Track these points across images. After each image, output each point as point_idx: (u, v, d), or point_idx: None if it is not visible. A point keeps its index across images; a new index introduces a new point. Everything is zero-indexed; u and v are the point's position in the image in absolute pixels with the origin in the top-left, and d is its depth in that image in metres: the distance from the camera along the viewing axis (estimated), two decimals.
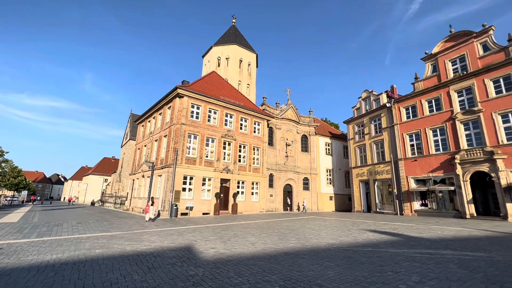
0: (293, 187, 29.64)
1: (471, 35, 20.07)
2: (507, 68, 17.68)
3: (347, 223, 15.08)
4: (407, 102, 23.93)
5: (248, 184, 24.89)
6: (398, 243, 8.59)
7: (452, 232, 11.07)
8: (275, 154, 29.10)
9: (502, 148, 17.21)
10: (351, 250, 7.42)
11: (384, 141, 25.56)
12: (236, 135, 24.84)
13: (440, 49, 22.02)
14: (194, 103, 22.37)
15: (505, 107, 17.48)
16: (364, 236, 10.04)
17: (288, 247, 7.94)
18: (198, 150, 21.82)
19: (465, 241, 8.89)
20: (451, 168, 19.60)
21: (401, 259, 6.38)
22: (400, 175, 23.30)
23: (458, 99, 20.29)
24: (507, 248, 7.60)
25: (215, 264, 5.83)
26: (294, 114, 31.84)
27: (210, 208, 21.46)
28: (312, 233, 10.90)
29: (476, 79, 19.21)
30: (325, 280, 4.72)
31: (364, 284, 4.52)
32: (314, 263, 6.00)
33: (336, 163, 33.90)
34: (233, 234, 10.45)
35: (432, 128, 21.60)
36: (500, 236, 10.07)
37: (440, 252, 7.11)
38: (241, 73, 40.87)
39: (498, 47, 18.56)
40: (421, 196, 22.01)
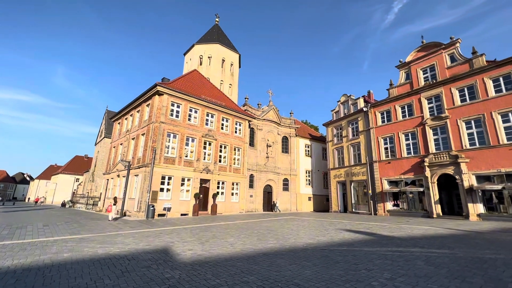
0: (273, 188, 29.90)
1: (440, 46, 21.49)
2: (471, 78, 19.14)
3: (324, 223, 15.48)
4: (382, 107, 25.08)
5: (228, 184, 24.74)
6: (372, 242, 8.95)
7: (420, 231, 11.74)
8: (256, 155, 29.19)
9: (466, 152, 18.58)
10: (327, 250, 7.62)
11: (361, 143, 26.59)
12: (217, 135, 24.61)
13: (413, 58, 23.35)
14: (174, 101, 21.84)
15: (468, 114, 18.91)
16: (340, 236, 10.36)
17: (267, 247, 7.99)
18: (178, 149, 21.33)
19: (431, 239, 9.47)
20: (421, 171, 20.82)
21: (374, 257, 6.66)
22: (374, 176, 24.34)
23: (428, 105, 21.62)
24: (468, 245, 8.20)
25: (193, 266, 5.72)
26: (276, 115, 32.17)
27: (188, 209, 21.04)
28: (290, 233, 11.06)
29: (444, 88, 20.59)
30: (302, 280, 4.80)
31: (339, 282, 4.66)
32: (292, 262, 6.08)
33: (315, 165, 34.70)
34: (212, 235, 10.32)
35: (404, 133, 22.82)
36: (462, 234, 10.85)
37: (409, 250, 7.51)
38: (223, 72, 40.60)
39: (463, 59, 20.03)
40: (394, 197, 23.15)
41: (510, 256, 6.64)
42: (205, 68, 39.25)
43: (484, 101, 18.22)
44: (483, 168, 17.64)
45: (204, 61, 39.90)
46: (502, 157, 16.91)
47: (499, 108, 17.46)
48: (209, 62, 40.01)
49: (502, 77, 17.74)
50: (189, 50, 43.00)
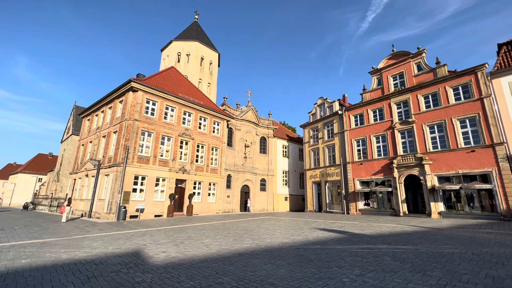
0: (250, 188, 29.98)
1: (408, 55, 22.96)
2: (435, 86, 20.67)
3: (299, 223, 15.82)
4: (356, 110, 26.22)
5: (205, 185, 24.37)
6: (344, 240, 9.32)
7: (388, 229, 12.44)
8: (233, 155, 29.08)
9: (429, 154, 20.02)
10: (302, 248, 7.79)
11: (335, 145, 27.57)
12: (194, 134, 24.15)
13: (384, 65, 24.69)
14: (149, 99, 21.08)
15: (432, 120, 20.39)
16: (314, 235, 10.65)
17: (243, 247, 7.99)
18: (153, 148, 20.60)
19: (398, 236, 10.07)
20: (390, 172, 22.07)
21: (345, 254, 6.94)
22: (348, 177, 25.37)
23: (397, 110, 22.98)
24: (430, 241, 8.83)
25: (166, 269, 5.56)
26: (254, 116, 32.30)
27: (163, 210, 20.40)
28: (266, 233, 11.16)
29: (411, 94, 22.03)
30: (276, 279, 4.86)
31: (312, 280, 4.79)
32: (267, 262, 6.14)
33: (292, 165, 35.36)
34: (187, 237, 10.10)
35: (375, 135, 24.04)
36: (425, 231, 11.66)
37: (378, 247, 7.92)
38: (202, 71, 39.96)
39: (428, 68, 21.57)
40: (365, 197, 24.28)
41: (465, 250, 7.26)
42: (183, 65, 38.36)
43: (446, 107, 19.77)
44: (444, 169, 19.13)
45: (182, 59, 38.97)
46: (460, 159, 18.46)
47: (458, 115, 19.04)
48: (187, 59, 39.16)
49: (461, 86, 19.38)
50: (167, 47, 41.78)
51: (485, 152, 17.46)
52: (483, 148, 17.58)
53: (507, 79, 17.53)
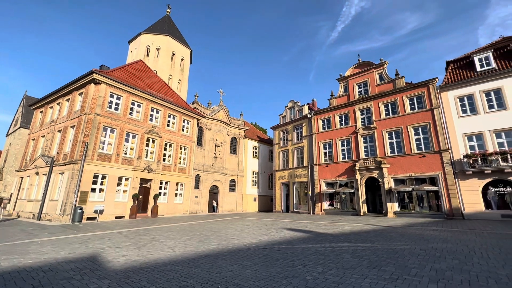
0: (219, 188, 29.66)
1: (372, 66, 24.65)
2: (393, 96, 22.47)
3: (267, 223, 16.04)
4: (323, 115, 27.41)
5: (172, 184, 23.55)
6: (309, 239, 9.66)
7: (349, 228, 13.19)
8: (203, 155, 28.54)
9: (387, 158, 21.68)
10: (268, 248, 7.91)
11: (304, 148, 28.52)
12: (162, 132, 23.22)
13: (350, 74, 26.20)
14: (114, 92, 19.79)
15: (390, 126, 22.13)
16: (281, 234, 10.89)
17: (209, 249, 7.87)
18: (116, 145, 19.36)
19: (358, 235, 10.73)
20: (353, 174, 23.44)
21: (310, 253, 7.20)
22: (314, 178, 26.39)
23: (360, 116, 24.51)
24: (385, 239, 9.55)
25: (125, 274, 5.25)
26: (226, 116, 32.06)
27: (125, 211, 19.26)
28: (234, 234, 11.13)
29: (373, 102, 23.67)
30: (242, 279, 4.87)
31: (277, 279, 4.88)
32: (233, 263, 6.12)
33: (261, 166, 35.76)
34: (151, 239, 9.66)
35: (341, 139, 25.38)
36: (382, 229, 12.59)
37: (339, 245, 8.36)
38: (172, 67, 38.62)
39: (389, 78, 23.38)
40: (329, 197, 25.47)
41: (414, 246, 7.98)
42: (153, 60, 36.73)
43: (402, 116, 21.60)
44: (399, 172, 20.86)
45: (151, 52, 37.28)
46: (413, 164, 20.29)
47: (412, 123, 20.92)
48: (157, 54, 37.57)
49: (416, 97, 21.33)
50: (135, 39, 39.65)
51: (433, 158, 19.42)
52: (432, 154, 19.53)
53: (453, 93, 19.73)
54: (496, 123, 17.61)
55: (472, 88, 19.04)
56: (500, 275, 4.95)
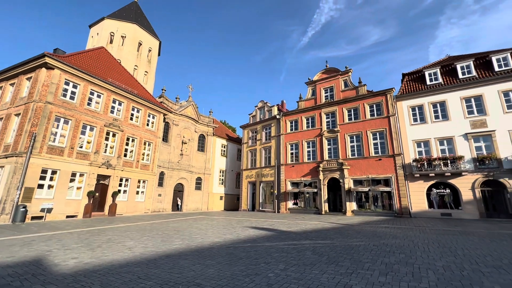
0: (184, 187, 28.82)
1: (338, 72, 26.01)
2: (356, 102, 23.98)
3: (233, 222, 16.02)
4: (292, 116, 28.20)
5: (134, 182, 22.27)
6: (273, 237, 9.87)
7: (311, 226, 13.77)
8: (169, 151, 27.47)
9: (348, 160, 23.07)
10: (233, 247, 7.91)
11: (272, 148, 29.04)
12: (125, 125, 21.82)
13: (318, 78, 27.33)
14: (69, 80, 18.06)
15: (352, 130, 23.59)
16: (246, 233, 10.95)
17: (171, 248, 7.61)
18: (70, 138, 17.70)
19: (319, 232, 11.26)
20: (316, 174, 24.50)
21: (273, 251, 7.36)
22: (281, 178, 27.04)
23: (326, 120, 25.71)
24: (343, 236, 10.16)
25: (75, 278, 4.83)
26: (194, 112, 31.25)
27: (78, 210, 17.72)
28: (198, 233, 10.91)
29: (338, 107, 25.00)
30: (204, 279, 4.80)
31: (240, 277, 4.91)
32: (196, 263, 6.00)
33: (229, 165, 35.57)
34: (107, 239, 9.02)
35: (307, 141, 26.36)
36: (341, 227, 13.37)
37: (301, 243, 8.68)
38: (139, 57, 36.49)
39: (353, 86, 24.89)
40: (294, 196, 26.31)
41: (368, 242, 8.62)
42: (117, 48, 34.32)
43: (363, 121, 23.17)
44: (358, 174, 22.34)
45: (116, 40, 34.79)
46: (370, 166, 21.88)
47: (371, 128, 22.55)
48: (122, 42, 35.18)
49: (375, 105, 23.03)
50: (97, 23, 36.65)
51: (388, 161, 21.17)
52: (387, 157, 21.27)
53: (407, 103, 21.71)
54: (440, 132, 19.81)
55: (422, 99, 21.16)
56: (437, 266, 5.59)
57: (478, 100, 19.13)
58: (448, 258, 6.34)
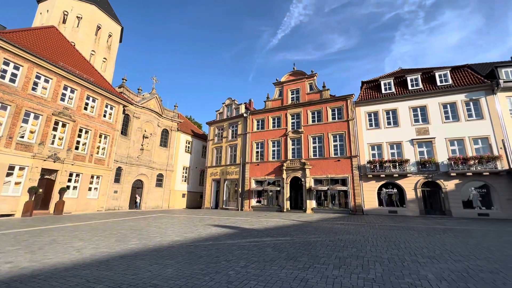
0: (144, 183, 27.33)
1: (304, 75, 26.99)
2: (319, 105, 25.18)
3: (194, 220, 15.68)
4: (259, 115, 28.52)
5: (86, 177, 20.45)
6: (235, 235, 9.90)
7: (273, 223, 14.12)
8: (128, 146, 25.77)
9: (310, 160, 24.14)
10: (193, 246, 7.74)
11: (237, 145, 29.04)
12: (77, 115, 19.89)
13: (285, 80, 28.05)
14: (9, 60, 15.86)
15: (315, 132, 24.72)
16: (208, 231, 10.80)
17: (127, 249, 7.17)
18: (7, 126, 15.56)
19: (280, 229, 11.59)
20: (280, 173, 25.18)
21: (234, 248, 7.38)
22: (245, 176, 27.19)
23: (291, 120, 26.53)
24: (302, 232, 10.62)
25: (9, 285, 4.28)
26: (158, 105, 29.76)
27: (17, 208, 15.70)
28: (157, 232, 10.45)
29: (303, 109, 25.98)
30: (161, 279, 4.62)
31: (200, 276, 4.83)
32: (154, 263, 5.74)
33: (193, 161, 34.67)
34: (50, 240, 8.15)
35: (272, 140, 26.91)
36: (300, 224, 13.95)
37: (263, 240, 8.85)
38: (97, 42, 33.48)
39: (317, 89, 26.05)
40: (258, 194, 26.69)
41: (325, 238, 9.14)
42: (71, 29, 31.05)
43: (325, 124, 24.42)
44: (319, 173, 23.52)
45: (70, 20, 31.43)
46: (330, 166, 23.19)
47: (332, 131, 23.89)
48: (77, 23, 31.92)
49: (337, 109, 24.43)
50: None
51: (346, 162, 22.65)
52: (345, 158, 22.74)
53: (364, 108, 23.45)
54: (391, 137, 21.81)
55: (377, 106, 23.05)
56: (383, 259, 6.16)
57: (423, 110, 21.49)
58: (392, 251, 7.03)
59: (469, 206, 18.81)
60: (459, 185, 19.11)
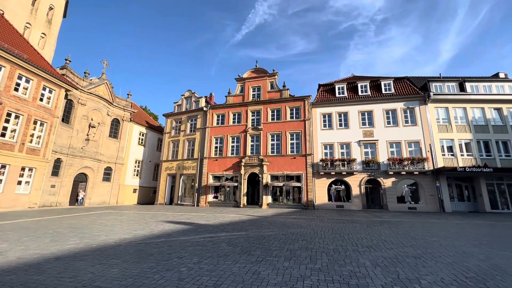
0: (89, 177, 24.82)
1: (266, 73, 27.46)
2: (279, 104, 25.93)
3: (146, 216, 14.86)
4: (219, 110, 28.14)
5: (15, 169, 17.73)
6: (189, 231, 9.67)
7: (229, 218, 14.17)
8: (70, 135, 23.07)
9: (268, 157, 24.78)
10: (144, 243, 7.35)
11: (196, 140, 28.26)
12: (5, 97, 17.06)
13: (247, 76, 28.16)
14: None
15: (273, 130, 25.42)
16: (160, 228, 10.35)
17: (64, 249, 6.46)
18: None
19: (235, 224, 11.70)
20: (238, 169, 25.31)
21: (188, 245, 7.22)
22: (203, 171, 26.67)
23: (251, 117, 26.80)
24: (257, 227, 10.89)
25: None
26: (108, 92, 27.18)
27: None
28: (102, 230, 9.63)
29: (263, 106, 26.45)
30: (105, 280, 4.29)
31: (149, 275, 4.62)
32: (97, 263, 5.30)
33: (147, 155, 32.68)
34: None
35: (232, 136, 26.85)
36: (256, 219, 14.28)
37: (218, 235, 8.83)
38: (34, 14, 28.94)
39: (278, 88, 26.76)
40: (215, 190, 26.44)
41: (278, 232, 9.53)
42: None
43: (283, 122, 25.28)
44: (276, 170, 24.31)
45: None
46: (286, 163, 24.13)
47: (290, 129, 24.86)
48: None
49: (295, 108, 25.46)
50: None
51: (301, 160, 23.82)
52: (300, 156, 23.90)
53: (320, 110, 24.91)
54: (342, 138, 23.63)
55: (331, 108, 24.71)
56: (329, 250, 6.69)
57: (370, 114, 23.73)
58: (337, 242, 7.68)
59: (402, 201, 21.53)
60: (395, 182, 21.70)
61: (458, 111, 22.63)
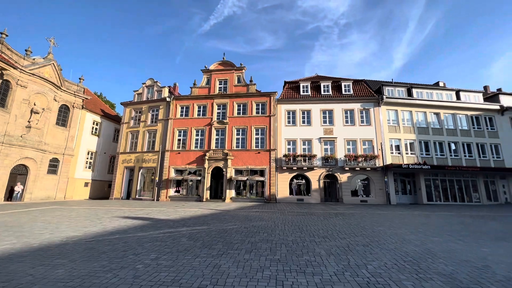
0: (30, 169, 22.08)
1: (233, 67, 27.15)
2: (245, 99, 25.94)
3: (99, 212, 13.79)
4: (183, 102, 27.11)
5: None
6: (147, 227, 9.25)
7: (191, 213, 13.88)
8: (6, 121, 20.18)
9: (233, 151, 24.72)
10: (95, 241, 6.83)
11: (157, 131, 26.90)
12: None
13: (214, 68, 27.53)
14: None
15: (239, 124, 25.39)
16: (115, 224, 9.71)
17: None
18: None
19: (197, 219, 11.51)
20: (202, 163, 24.82)
21: (145, 240, 6.90)
22: (164, 164, 25.57)
23: (217, 110, 26.36)
24: (219, 221, 10.86)
25: None
26: (56, 75, 24.28)
27: None
28: (46, 227, 8.70)
29: (230, 100, 26.20)
30: (47, 283, 3.90)
31: (100, 274, 4.32)
32: (38, 264, 4.78)
33: (102, 146, 30.16)
34: None
35: (196, 129, 26.14)
36: (218, 212, 14.22)
37: (178, 230, 8.60)
38: None
39: (245, 83, 26.68)
40: (177, 184, 25.60)
41: (240, 225, 9.63)
42: None
43: (249, 117, 25.39)
44: (240, 164, 24.40)
45: None
46: (250, 158, 24.37)
47: (255, 124, 25.08)
48: None
49: (261, 104, 25.72)
50: None
51: (265, 154, 24.26)
52: (264, 151, 24.33)
53: (284, 106, 25.55)
54: (304, 134, 24.62)
55: (296, 106, 25.52)
56: (288, 241, 6.99)
57: (330, 113, 25.09)
58: (296, 234, 8.05)
59: (355, 195, 23.36)
60: (350, 177, 23.42)
61: (406, 114, 25.17)
